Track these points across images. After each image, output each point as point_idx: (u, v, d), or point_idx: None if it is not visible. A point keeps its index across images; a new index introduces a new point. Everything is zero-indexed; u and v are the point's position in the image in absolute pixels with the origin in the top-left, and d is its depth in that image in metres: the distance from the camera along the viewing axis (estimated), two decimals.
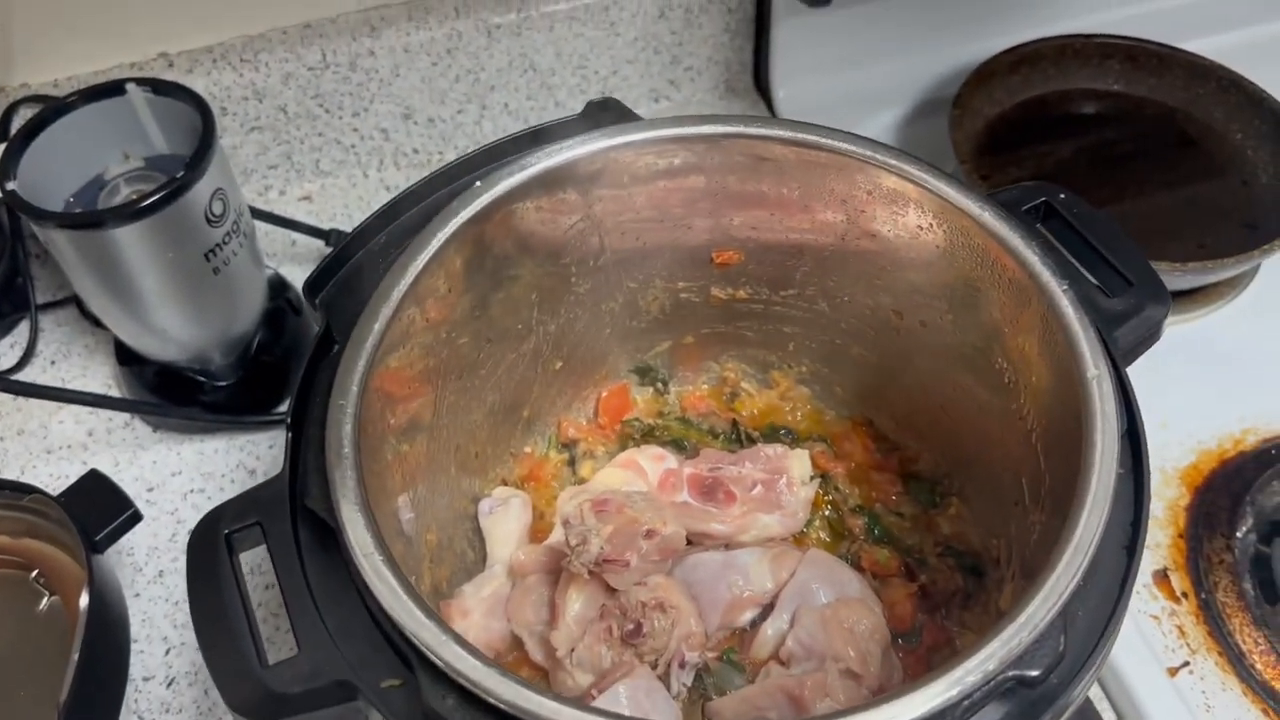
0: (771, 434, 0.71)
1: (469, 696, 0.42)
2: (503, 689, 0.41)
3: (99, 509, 0.67)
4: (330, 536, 0.48)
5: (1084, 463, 0.46)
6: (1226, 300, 0.87)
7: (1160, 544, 0.74)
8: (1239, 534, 0.74)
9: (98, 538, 0.65)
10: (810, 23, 0.96)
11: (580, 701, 0.43)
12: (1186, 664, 0.69)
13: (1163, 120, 0.97)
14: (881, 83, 1.01)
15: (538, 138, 0.62)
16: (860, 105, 1.00)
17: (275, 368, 0.85)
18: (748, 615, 0.61)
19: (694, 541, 0.62)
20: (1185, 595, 0.72)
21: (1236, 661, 0.69)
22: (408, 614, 0.43)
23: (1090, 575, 0.45)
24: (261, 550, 0.51)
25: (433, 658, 0.43)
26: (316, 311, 0.56)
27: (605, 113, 0.63)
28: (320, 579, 0.48)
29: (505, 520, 0.65)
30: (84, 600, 0.61)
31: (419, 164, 1.01)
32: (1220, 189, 0.93)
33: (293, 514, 0.49)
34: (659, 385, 0.74)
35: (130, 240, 0.69)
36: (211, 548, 0.48)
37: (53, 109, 0.74)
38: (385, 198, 0.98)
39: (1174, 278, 0.80)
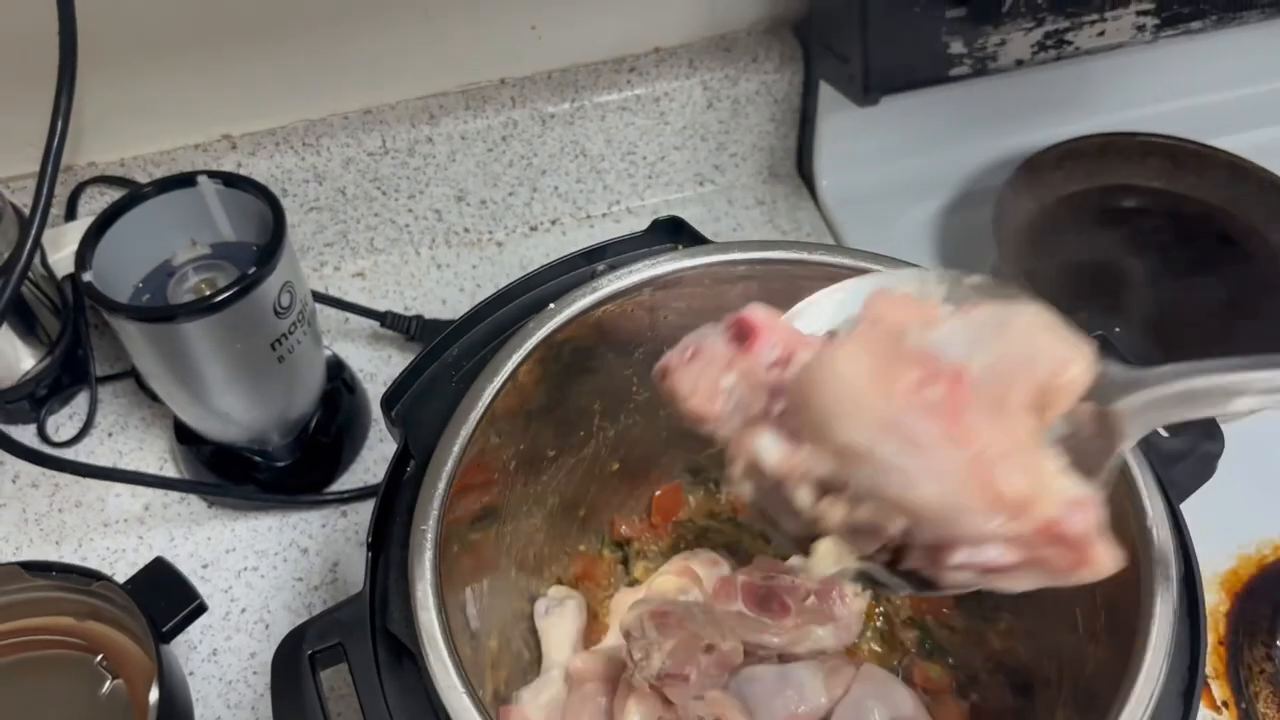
0: None
1: None
2: None
3: (165, 598, 0.68)
4: (409, 657, 0.50)
5: (1143, 611, 0.48)
6: None
7: None
8: (1279, 643, 0.75)
9: (165, 628, 0.67)
10: (855, 115, 0.98)
11: None
12: None
13: (1204, 218, 0.99)
14: (924, 174, 1.03)
15: (606, 252, 0.64)
16: (902, 195, 1.02)
17: (329, 447, 0.87)
18: None
19: (748, 652, 0.63)
20: (1226, 704, 0.73)
21: None
22: None
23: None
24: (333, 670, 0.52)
25: None
26: (393, 427, 0.58)
27: (669, 230, 0.65)
28: (399, 701, 0.49)
29: (562, 622, 0.67)
30: (154, 695, 0.63)
31: (469, 242, 1.04)
32: (1262, 289, 0.94)
33: (373, 635, 0.51)
34: (711, 485, 0.75)
35: (200, 333, 0.71)
36: (295, 668, 0.49)
37: (128, 198, 0.76)
38: (435, 274, 1.02)
39: None
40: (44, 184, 0.75)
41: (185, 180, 0.77)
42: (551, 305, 0.59)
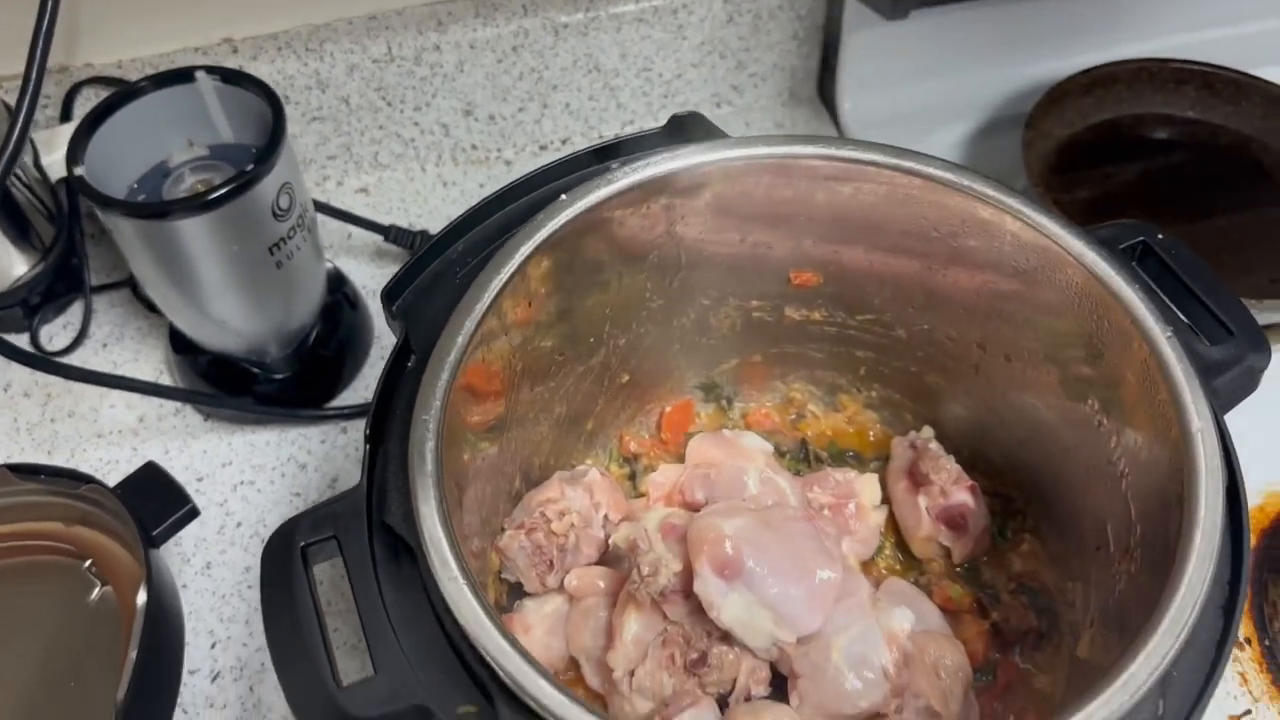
0: (838, 456, 0.70)
1: None
2: None
3: (156, 502, 0.66)
4: (406, 553, 0.47)
5: (1187, 520, 0.45)
6: None
7: None
8: None
9: (155, 532, 0.65)
10: (880, 34, 0.95)
11: None
12: (1248, 712, 0.67)
13: (1237, 149, 0.95)
14: (949, 98, 0.99)
15: (620, 149, 0.61)
16: (927, 119, 0.98)
17: (330, 361, 0.85)
18: None
19: None
20: (1249, 641, 0.71)
21: None
22: (490, 640, 0.43)
23: (1189, 637, 0.43)
24: (327, 564, 0.50)
25: (514, 687, 0.42)
26: (394, 321, 0.55)
27: (689, 126, 0.62)
28: (395, 597, 0.47)
29: None
30: (142, 597, 0.61)
31: (477, 160, 1.00)
32: None
33: (369, 529, 0.48)
34: (723, 402, 0.73)
35: (196, 231, 0.69)
36: (287, 560, 0.47)
37: (122, 94, 0.73)
38: (442, 193, 0.99)
39: None
40: (32, 68, 0.72)
41: (183, 75, 0.74)
42: (563, 196, 0.56)
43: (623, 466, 0.71)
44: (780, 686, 0.57)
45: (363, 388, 0.86)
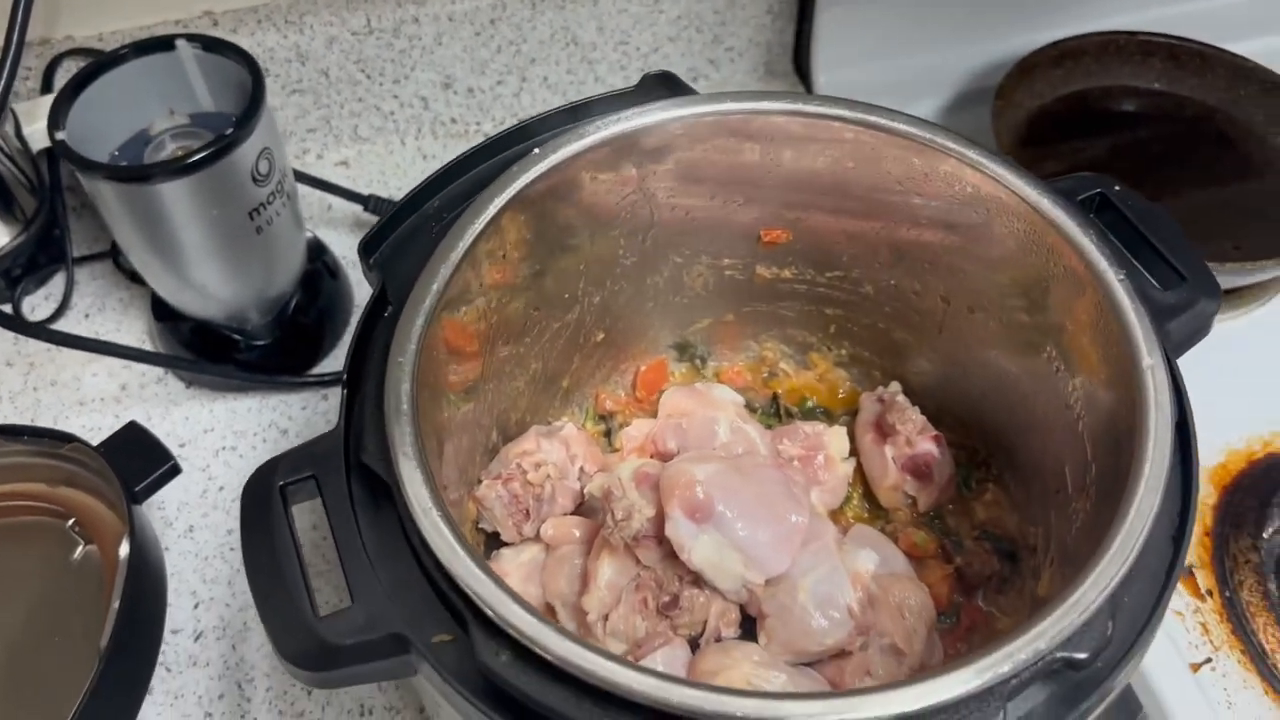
0: (808, 412, 0.72)
1: (522, 652, 0.42)
2: (558, 645, 0.41)
3: (139, 460, 0.67)
4: (383, 493, 0.49)
5: (1137, 451, 0.47)
6: (1260, 303, 0.87)
7: None
8: (1265, 535, 0.75)
9: (138, 488, 0.66)
10: (854, 8, 0.96)
11: (633, 661, 0.43)
12: (1209, 660, 0.69)
13: (1203, 120, 0.97)
14: (922, 71, 1.00)
15: (593, 108, 0.62)
16: (900, 92, 0.98)
17: (310, 329, 0.86)
18: None
19: None
20: (1210, 593, 0.72)
21: (1258, 660, 0.69)
22: (465, 569, 0.44)
23: (1138, 563, 0.45)
24: (307, 507, 0.51)
25: (488, 612, 0.43)
26: (371, 271, 0.56)
27: (661, 86, 0.63)
28: (373, 533, 0.48)
29: None
30: (124, 549, 0.62)
31: (456, 134, 1.02)
32: (1258, 192, 0.93)
33: (346, 469, 0.50)
34: (697, 361, 0.74)
35: (176, 195, 0.70)
36: (266, 498, 0.48)
37: (103, 61, 0.74)
38: (421, 166, 1.00)
39: None
40: (12, 38, 0.73)
41: (163, 44, 0.75)
42: (536, 150, 0.57)
43: (599, 424, 0.72)
44: (750, 629, 0.58)
45: (343, 355, 0.86)
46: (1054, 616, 0.42)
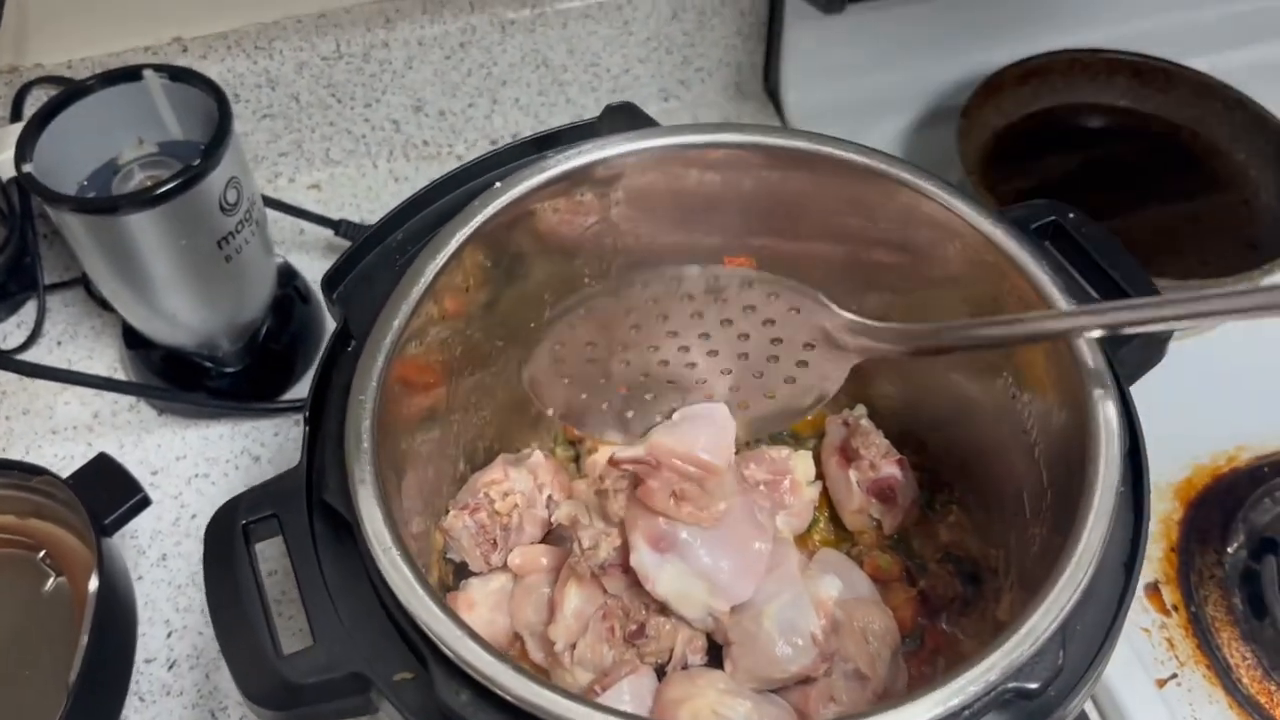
0: (776, 436, 0.72)
1: (482, 691, 0.43)
2: (516, 685, 0.42)
3: (108, 492, 0.67)
4: (345, 530, 0.49)
5: (1086, 480, 0.47)
6: None
7: (1152, 557, 0.75)
8: (1230, 549, 0.76)
9: (107, 521, 0.66)
10: (821, 28, 0.97)
11: (592, 700, 0.44)
12: (1175, 676, 0.70)
13: (1168, 137, 0.98)
14: (889, 90, 1.01)
15: (557, 139, 0.63)
16: (868, 112, 1.00)
17: (282, 355, 0.86)
18: None
19: None
20: (1175, 608, 0.73)
21: (1224, 675, 0.70)
22: (423, 608, 0.44)
23: (1090, 590, 0.46)
24: (271, 543, 0.51)
25: (447, 652, 0.43)
26: (334, 306, 0.57)
27: (623, 117, 0.63)
28: (335, 571, 0.48)
29: None
30: (93, 583, 0.62)
31: (428, 156, 1.02)
32: (1222, 208, 0.94)
33: (308, 507, 0.50)
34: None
35: (145, 226, 0.70)
36: (228, 537, 0.49)
37: (70, 92, 0.74)
38: (394, 188, 1.00)
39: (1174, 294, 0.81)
40: None
41: (130, 74, 0.75)
42: (498, 184, 0.58)
43: (567, 449, 0.72)
44: (717, 655, 0.59)
45: None
46: (1005, 647, 0.43)
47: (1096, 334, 0.50)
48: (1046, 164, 0.98)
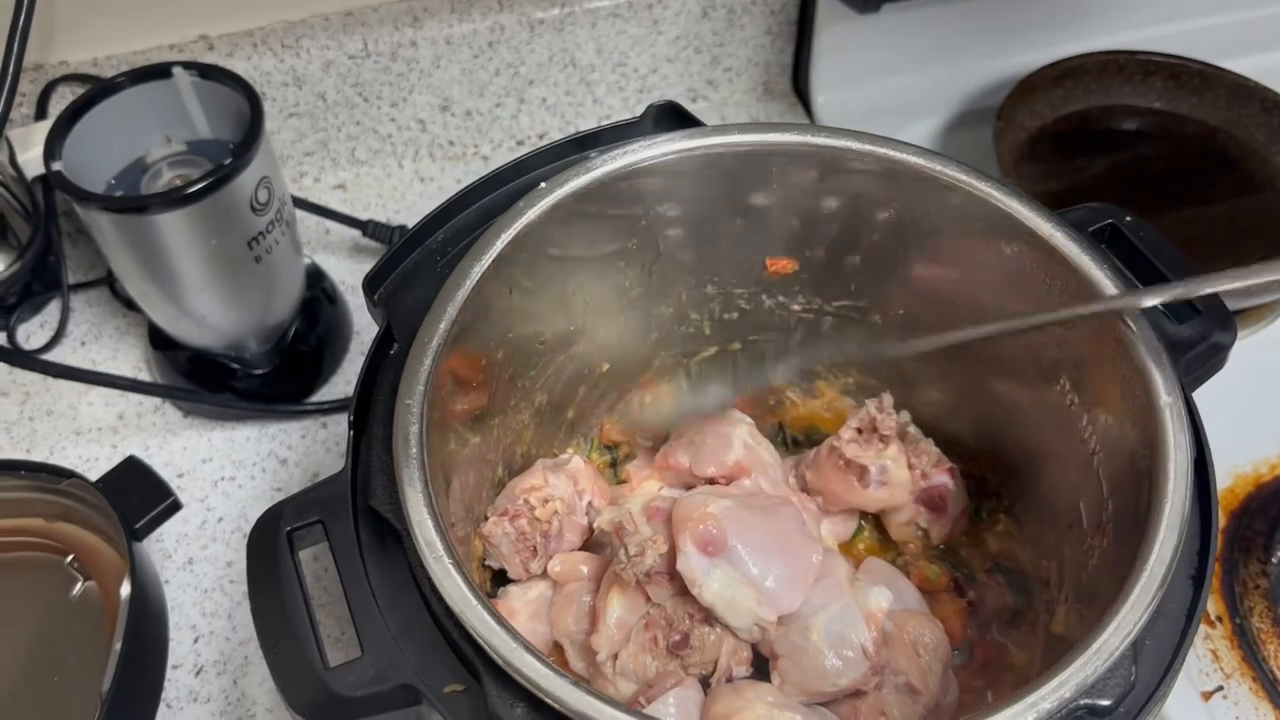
0: (817, 441, 0.71)
1: (538, 705, 0.42)
2: (574, 699, 0.41)
3: (138, 496, 0.66)
4: (391, 537, 0.48)
5: (1156, 491, 0.46)
6: (1265, 323, 0.87)
7: None
8: (1274, 559, 0.74)
9: (137, 525, 0.65)
10: (853, 28, 0.96)
11: (644, 708, 0.43)
12: (1221, 688, 0.69)
13: (1204, 139, 0.97)
14: (921, 91, 1.00)
15: (597, 139, 0.62)
16: (900, 113, 0.99)
17: (309, 357, 0.85)
18: None
19: None
20: (1220, 619, 0.72)
21: (1270, 687, 0.69)
22: (477, 618, 0.43)
23: (1160, 605, 0.44)
24: (311, 550, 0.50)
25: (501, 664, 0.42)
26: (376, 308, 0.56)
27: (666, 116, 0.62)
28: (381, 579, 0.47)
29: None
30: (125, 589, 0.61)
31: (454, 156, 1.01)
32: (1259, 210, 0.93)
33: (354, 513, 0.49)
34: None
35: (174, 226, 0.69)
36: (273, 545, 0.47)
37: (99, 90, 0.73)
38: (419, 188, 0.99)
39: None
40: (8, 66, 0.72)
41: (160, 71, 0.74)
42: (543, 185, 0.57)
43: (604, 454, 0.71)
44: (761, 668, 0.58)
45: (342, 382, 0.86)
46: (1078, 663, 0.42)
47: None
48: (1080, 166, 0.96)
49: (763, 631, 0.56)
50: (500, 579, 0.63)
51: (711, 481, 0.64)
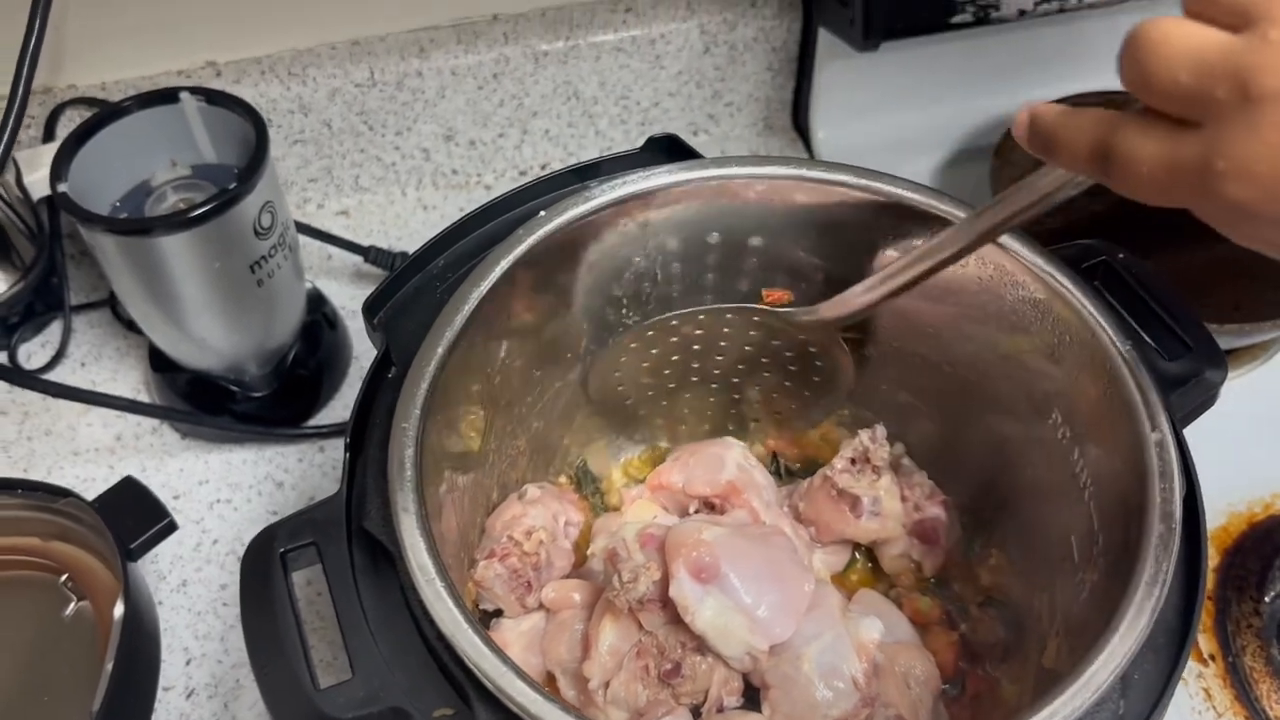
0: (811, 469, 0.71)
1: None
2: None
3: (134, 517, 0.66)
4: (384, 560, 0.48)
5: (1144, 526, 0.47)
6: (1259, 362, 0.87)
7: None
8: (1267, 599, 0.74)
9: (133, 545, 0.65)
10: (853, 66, 0.97)
11: None
12: None
13: None
14: (921, 128, 1.01)
15: (598, 169, 0.62)
16: (898, 149, 1.00)
17: (309, 381, 0.85)
18: None
19: None
20: (1213, 658, 0.72)
21: None
22: (467, 641, 0.43)
23: (1148, 640, 0.44)
24: (305, 571, 0.50)
25: (491, 687, 0.42)
26: (375, 332, 0.56)
27: (665, 148, 0.63)
28: (374, 601, 0.48)
29: None
30: (119, 609, 0.61)
31: (457, 185, 1.02)
32: (1256, 251, 0.93)
33: (348, 536, 0.49)
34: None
35: (178, 249, 0.69)
36: (266, 566, 0.48)
37: (106, 113, 0.74)
38: (422, 216, 1.00)
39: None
40: (17, 88, 0.73)
41: (167, 96, 0.75)
42: (542, 213, 0.57)
43: (590, 481, 0.72)
44: (752, 698, 0.58)
45: (341, 407, 0.86)
46: (1065, 696, 0.42)
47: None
48: (1078, 204, 0.96)
49: (754, 661, 0.56)
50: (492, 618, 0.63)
51: (705, 501, 0.64)
